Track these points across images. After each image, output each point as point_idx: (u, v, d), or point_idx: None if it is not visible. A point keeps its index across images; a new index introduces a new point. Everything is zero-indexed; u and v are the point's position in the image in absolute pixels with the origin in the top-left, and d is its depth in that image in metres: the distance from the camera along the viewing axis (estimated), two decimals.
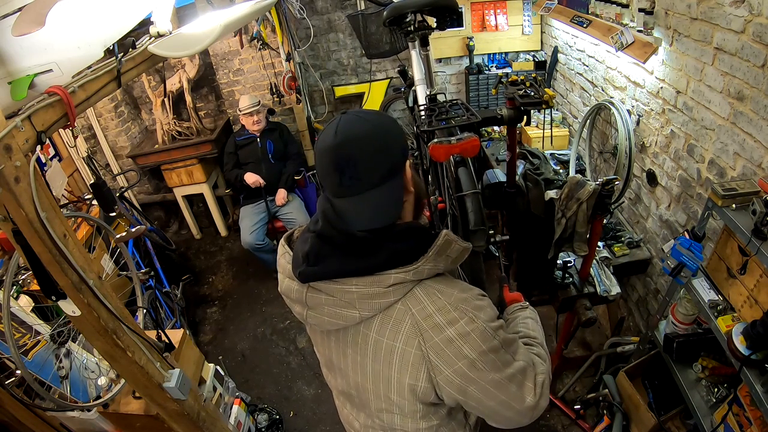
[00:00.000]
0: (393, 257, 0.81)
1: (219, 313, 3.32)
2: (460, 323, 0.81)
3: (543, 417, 2.29)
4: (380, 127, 0.83)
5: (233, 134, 3.39)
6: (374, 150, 0.81)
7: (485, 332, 0.82)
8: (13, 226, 0.91)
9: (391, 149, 0.83)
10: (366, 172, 0.80)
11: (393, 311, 0.83)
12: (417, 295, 0.82)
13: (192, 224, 4.06)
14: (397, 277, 0.80)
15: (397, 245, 0.82)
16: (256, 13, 1.99)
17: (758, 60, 1.41)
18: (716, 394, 1.62)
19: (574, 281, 1.86)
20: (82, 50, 1.10)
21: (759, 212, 1.25)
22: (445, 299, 0.82)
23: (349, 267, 0.82)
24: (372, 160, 0.81)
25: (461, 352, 0.80)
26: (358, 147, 0.80)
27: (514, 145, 1.60)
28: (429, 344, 0.81)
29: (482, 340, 0.81)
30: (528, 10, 3.31)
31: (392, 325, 0.83)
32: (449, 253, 0.85)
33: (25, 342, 1.63)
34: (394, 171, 0.83)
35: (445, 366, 0.82)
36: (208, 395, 1.87)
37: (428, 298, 0.82)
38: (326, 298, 0.84)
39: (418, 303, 0.82)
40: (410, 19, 1.51)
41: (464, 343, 0.80)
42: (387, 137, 0.83)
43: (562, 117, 3.28)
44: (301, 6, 3.08)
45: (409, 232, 0.84)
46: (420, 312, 0.81)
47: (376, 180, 0.81)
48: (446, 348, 0.81)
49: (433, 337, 0.81)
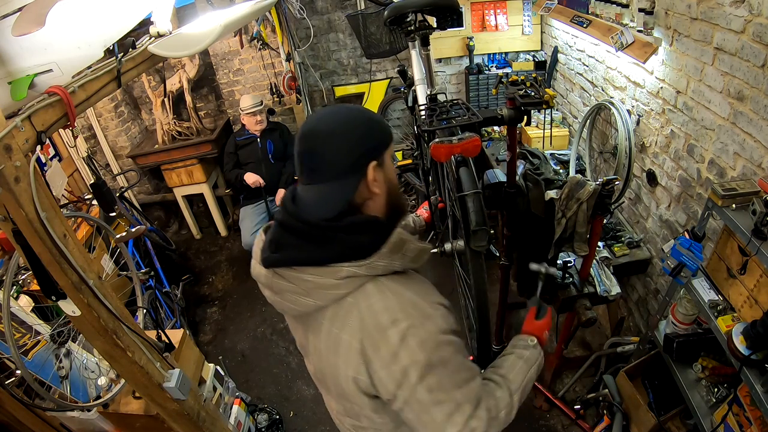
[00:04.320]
0: (347, 250, 0.82)
1: (219, 313, 3.32)
2: (402, 326, 0.80)
3: (543, 417, 2.29)
4: (349, 124, 0.85)
5: (233, 134, 3.39)
6: (336, 145, 0.83)
7: (425, 342, 0.80)
8: (13, 226, 0.91)
9: (354, 148, 0.84)
10: (326, 164, 0.84)
11: (344, 303, 0.84)
12: (368, 291, 0.83)
13: (192, 224, 4.06)
14: (349, 271, 0.81)
15: (350, 237, 0.83)
16: (256, 13, 1.99)
17: (758, 60, 1.41)
18: (716, 394, 1.62)
19: (574, 281, 1.86)
20: (82, 50, 1.10)
21: (759, 212, 1.25)
22: (395, 299, 0.82)
23: (305, 255, 0.84)
24: (332, 154, 0.83)
25: (396, 356, 0.80)
26: (322, 139, 0.83)
27: (514, 145, 1.60)
28: (368, 341, 0.81)
29: (420, 349, 0.80)
30: (528, 10, 3.31)
31: (341, 317, 0.84)
32: (405, 252, 0.85)
33: (25, 342, 1.63)
34: (354, 169, 0.85)
35: (379, 366, 0.82)
36: (208, 395, 1.87)
37: (378, 296, 0.82)
38: (287, 285, 0.85)
39: (367, 299, 0.82)
40: (411, 19, 1.51)
41: (401, 348, 0.80)
42: (353, 136, 0.84)
43: (562, 117, 3.28)
44: (301, 6, 3.08)
45: (366, 226, 0.85)
46: (367, 308, 0.82)
47: (334, 173, 0.84)
48: (383, 348, 0.80)
49: (373, 334, 0.81)
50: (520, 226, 1.76)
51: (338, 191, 0.85)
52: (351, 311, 0.83)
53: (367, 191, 0.87)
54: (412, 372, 0.80)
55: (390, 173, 0.92)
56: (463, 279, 1.46)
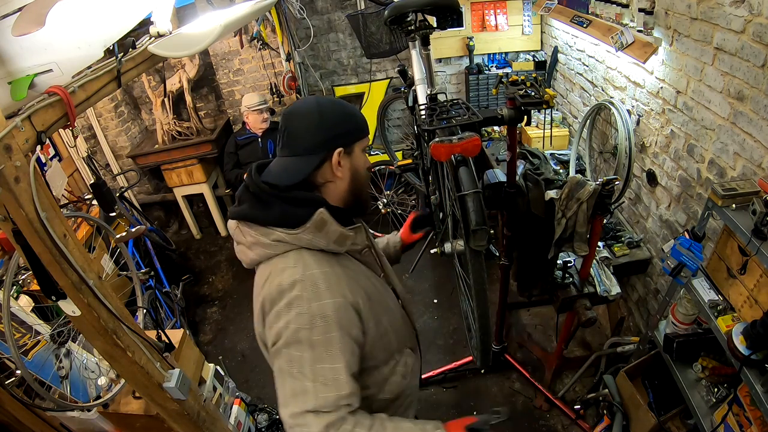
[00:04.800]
0: (283, 217, 0.93)
1: (219, 313, 3.32)
2: (293, 294, 0.89)
3: (543, 417, 2.29)
4: (325, 110, 0.97)
5: (234, 134, 3.39)
6: (307, 124, 0.96)
7: (302, 315, 0.88)
8: (13, 226, 0.91)
9: (324, 130, 0.96)
10: (295, 140, 0.97)
11: (270, 263, 0.95)
12: (288, 257, 0.93)
13: (192, 224, 4.06)
14: (278, 235, 0.92)
15: (286, 207, 0.93)
16: (256, 13, 1.99)
17: (758, 60, 1.41)
18: (716, 394, 1.62)
19: (574, 281, 1.85)
20: (82, 50, 1.10)
21: (759, 212, 1.25)
22: (302, 270, 0.91)
23: (251, 213, 0.95)
24: (302, 131, 0.96)
25: (279, 317, 0.89)
26: (297, 119, 0.97)
27: (514, 145, 1.60)
28: (268, 298, 0.92)
29: (295, 319, 0.88)
30: (528, 10, 3.31)
31: (264, 274, 0.95)
32: (327, 233, 0.94)
33: (25, 342, 1.63)
34: (320, 149, 0.96)
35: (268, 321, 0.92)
36: (208, 395, 1.87)
37: (292, 263, 0.92)
38: (240, 237, 0.98)
39: (284, 263, 0.93)
40: (411, 19, 1.51)
41: (284, 311, 0.89)
42: (324, 119, 0.97)
43: (562, 117, 3.28)
44: (301, 6, 3.08)
45: (304, 201, 0.95)
46: (279, 270, 0.92)
47: (300, 149, 0.96)
48: (274, 306, 0.90)
49: (273, 293, 0.91)
50: (520, 226, 1.76)
51: (300, 165, 0.96)
52: (269, 270, 0.94)
53: (330, 173, 0.98)
54: (282, 335, 0.89)
55: (357, 164, 1.02)
56: (463, 279, 1.46)
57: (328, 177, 0.99)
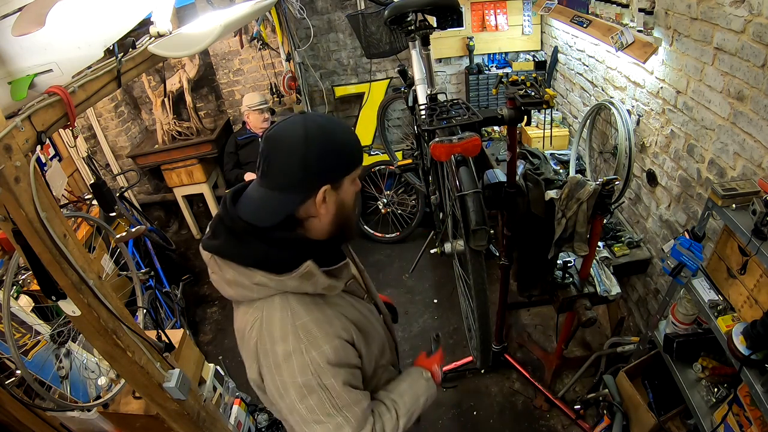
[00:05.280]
0: (264, 259, 0.86)
1: (219, 313, 3.32)
2: (289, 346, 0.85)
3: (543, 417, 2.29)
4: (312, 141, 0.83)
5: (234, 134, 3.39)
6: (287, 161, 0.83)
7: (306, 366, 0.85)
8: (13, 226, 0.91)
9: (309, 167, 0.83)
10: (277, 173, 0.85)
11: (253, 306, 0.90)
12: (274, 303, 0.87)
13: (192, 224, 4.06)
14: (261, 279, 0.85)
15: (269, 249, 0.86)
16: (256, 13, 1.99)
17: (758, 60, 1.41)
18: (716, 394, 1.62)
19: (574, 281, 1.86)
20: (82, 50, 1.10)
21: (759, 212, 1.25)
22: (292, 319, 0.86)
23: (228, 250, 0.88)
24: (285, 166, 0.84)
25: (279, 369, 0.87)
26: (280, 148, 0.84)
27: (514, 145, 1.60)
28: (261, 347, 0.88)
29: (299, 372, 0.85)
30: (528, 10, 3.31)
31: (249, 316, 0.90)
32: (315, 283, 0.88)
33: (25, 342, 1.63)
34: (304, 188, 0.85)
35: (266, 371, 0.89)
36: (208, 395, 1.87)
37: (280, 311, 0.87)
38: (217, 270, 0.91)
39: (271, 310, 0.87)
40: (411, 19, 1.51)
41: (283, 363, 0.86)
42: (310, 154, 0.83)
43: (562, 117, 3.28)
44: (301, 6, 3.08)
45: (286, 243, 0.87)
46: (267, 317, 0.87)
47: (282, 185, 0.85)
48: (270, 357, 0.87)
49: (266, 342, 0.87)
50: (520, 226, 1.76)
51: (281, 203, 0.86)
52: (256, 315, 0.89)
53: (313, 209, 0.88)
54: (291, 390, 0.87)
55: (346, 198, 0.92)
56: (463, 279, 1.46)
57: (311, 213, 0.89)
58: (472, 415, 2.37)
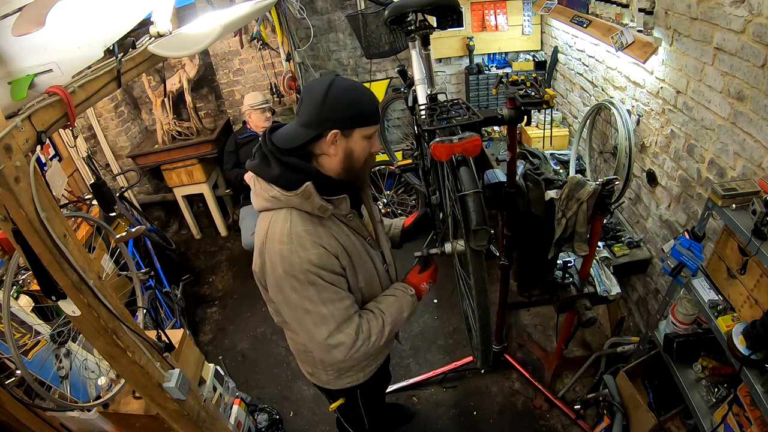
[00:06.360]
0: (280, 178, 1.10)
1: (219, 313, 3.32)
2: (284, 246, 1.09)
3: (543, 417, 2.29)
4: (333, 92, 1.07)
5: (234, 133, 3.39)
6: (310, 103, 1.08)
7: (294, 263, 1.08)
8: (13, 226, 0.91)
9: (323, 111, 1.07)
10: (301, 111, 1.11)
11: (267, 214, 1.15)
12: (281, 214, 1.12)
13: (192, 224, 4.06)
14: (275, 193, 1.11)
15: (283, 169, 1.11)
16: (256, 13, 1.99)
17: (758, 60, 1.41)
18: (716, 394, 1.62)
19: (574, 281, 1.85)
20: (82, 50, 1.10)
21: (759, 212, 1.25)
22: (290, 227, 1.10)
23: (258, 168, 1.15)
24: (307, 106, 1.09)
25: (275, 265, 1.10)
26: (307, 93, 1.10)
27: (514, 145, 1.60)
28: (266, 246, 1.13)
29: (289, 266, 1.08)
30: (528, 10, 3.31)
31: (262, 222, 1.16)
32: (312, 202, 1.10)
33: (25, 342, 1.63)
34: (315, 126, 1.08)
35: (268, 267, 1.13)
36: (208, 395, 1.87)
37: (282, 219, 1.11)
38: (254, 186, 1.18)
39: (277, 218, 1.12)
40: (411, 19, 1.51)
41: (278, 260, 1.09)
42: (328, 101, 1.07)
43: (562, 117, 3.28)
44: (301, 6, 3.08)
45: (297, 168, 1.11)
46: (273, 224, 1.12)
47: (303, 120, 1.10)
48: (270, 256, 1.11)
49: (267, 243, 1.12)
50: (520, 226, 1.76)
51: (300, 134, 1.10)
52: (266, 220, 1.14)
53: (326, 148, 1.11)
54: (284, 282, 1.10)
55: (354, 148, 1.13)
56: (463, 279, 1.45)
57: (324, 150, 1.12)
58: (472, 415, 2.37)
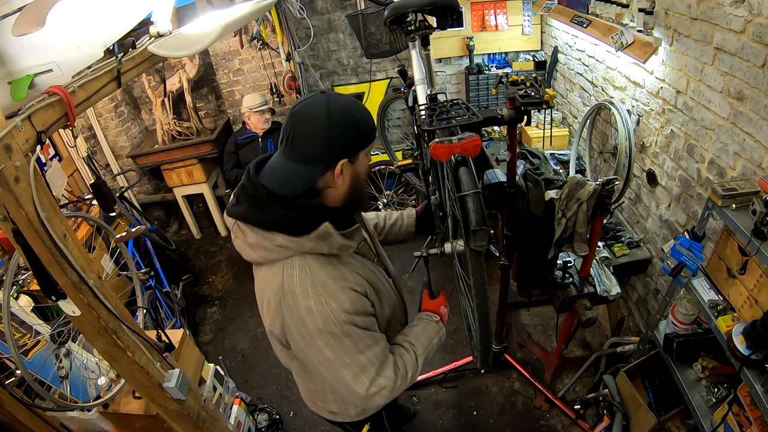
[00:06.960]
0: (285, 223, 0.96)
1: (219, 313, 3.32)
2: (310, 301, 0.95)
3: (543, 417, 2.29)
4: (334, 118, 0.93)
5: (234, 134, 3.39)
6: (311, 135, 0.93)
7: (327, 317, 0.95)
8: (13, 226, 0.91)
9: (332, 142, 0.93)
10: (302, 147, 0.94)
11: (274, 266, 0.99)
12: (293, 263, 0.97)
13: (192, 224, 4.06)
14: (282, 241, 0.96)
15: (289, 214, 0.96)
16: (256, 13, 1.99)
17: (758, 60, 1.41)
18: (716, 394, 1.62)
19: (574, 281, 1.85)
20: (82, 50, 1.10)
21: (759, 212, 1.25)
22: (311, 277, 0.96)
23: (251, 215, 0.98)
24: (310, 140, 0.93)
25: (304, 323, 0.96)
26: (303, 124, 0.94)
27: (514, 145, 1.60)
28: (285, 303, 0.97)
29: (322, 322, 0.95)
30: (528, 10, 3.31)
31: (270, 276, 1.00)
32: (331, 243, 0.98)
33: (25, 342, 1.63)
34: (325, 160, 0.95)
35: (292, 326, 0.98)
36: (208, 395, 1.87)
37: (299, 270, 0.97)
38: (240, 235, 1.01)
39: (291, 270, 0.97)
40: (411, 19, 1.51)
41: (306, 317, 0.95)
42: (334, 130, 0.93)
43: (562, 117, 3.28)
44: (301, 6, 3.08)
45: (306, 209, 0.97)
46: (288, 277, 0.97)
47: (306, 157, 0.94)
48: (294, 313, 0.97)
49: (288, 298, 0.97)
50: (520, 226, 1.76)
51: (304, 174, 0.96)
52: (277, 275, 0.98)
53: (331, 180, 0.99)
54: (317, 339, 0.97)
55: (360, 169, 1.02)
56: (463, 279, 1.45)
57: (328, 184, 0.99)
58: (472, 415, 2.37)
